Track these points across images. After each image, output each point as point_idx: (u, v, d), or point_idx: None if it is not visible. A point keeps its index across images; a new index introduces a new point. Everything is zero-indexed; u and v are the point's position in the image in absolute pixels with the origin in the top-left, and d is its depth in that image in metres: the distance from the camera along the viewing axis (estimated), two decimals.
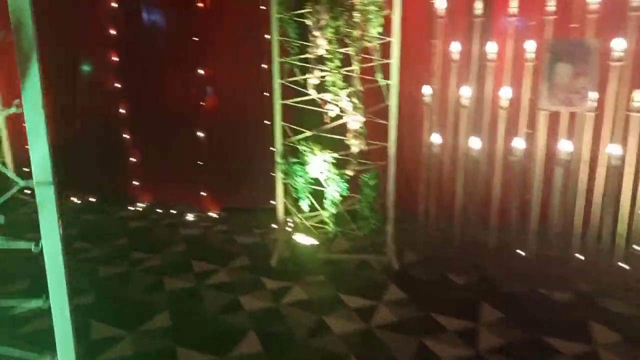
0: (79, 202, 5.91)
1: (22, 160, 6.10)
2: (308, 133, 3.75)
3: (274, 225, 4.67)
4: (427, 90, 3.97)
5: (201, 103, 5.20)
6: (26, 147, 1.73)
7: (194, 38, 5.08)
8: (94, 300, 3.40)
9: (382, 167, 3.71)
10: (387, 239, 3.85)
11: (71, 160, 5.96)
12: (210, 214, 5.30)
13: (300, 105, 3.74)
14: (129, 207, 5.58)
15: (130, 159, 5.61)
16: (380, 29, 3.48)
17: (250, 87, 4.91)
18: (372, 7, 3.42)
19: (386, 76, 3.59)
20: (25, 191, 4.03)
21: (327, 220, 3.82)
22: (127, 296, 3.45)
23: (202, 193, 5.36)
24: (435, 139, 3.99)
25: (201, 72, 5.10)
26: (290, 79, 3.74)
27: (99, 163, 5.79)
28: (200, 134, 5.20)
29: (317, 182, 3.79)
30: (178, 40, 5.21)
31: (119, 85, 5.51)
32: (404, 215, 4.15)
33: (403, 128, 3.94)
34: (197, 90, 5.20)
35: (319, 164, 3.69)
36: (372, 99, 3.69)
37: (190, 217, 5.22)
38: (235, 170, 5.18)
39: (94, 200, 5.89)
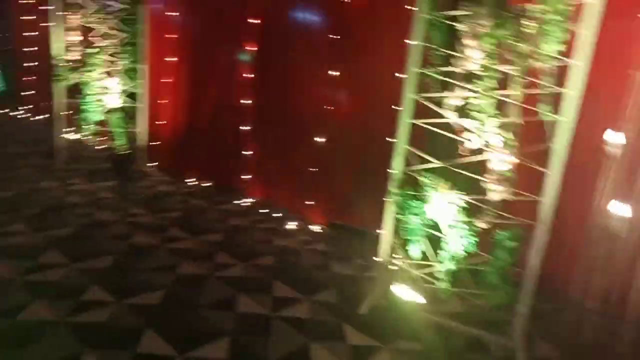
0: (194, 184, 5.90)
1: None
2: (435, 164, 3.01)
3: (377, 259, 4.00)
4: (612, 136, 2.94)
5: (327, 106, 4.72)
6: None
7: (331, 35, 4.62)
8: (157, 301, 3.09)
9: (526, 227, 2.81)
10: (516, 318, 2.93)
11: (194, 144, 6.00)
12: (314, 227, 4.82)
13: (432, 128, 3.01)
14: (235, 201, 5.36)
15: (246, 152, 5.39)
16: (560, 47, 2.58)
17: (381, 97, 4.28)
18: (554, 16, 2.54)
19: (555, 109, 2.67)
20: None
21: (441, 276, 3.04)
22: (191, 308, 3.09)
23: (309, 202, 4.91)
24: (613, 205, 2.93)
25: (333, 73, 4.61)
26: (426, 95, 3.02)
27: (218, 151, 5.70)
28: (319, 139, 4.73)
29: (435, 226, 3.03)
30: (315, 35, 4.79)
31: (250, 76, 5.31)
32: (545, 294, 3.17)
33: (568, 182, 2.95)
34: (325, 91, 4.73)
35: (441, 204, 2.93)
36: (530, 137, 2.80)
37: (291, 225, 4.80)
38: (350, 184, 4.61)
39: (207, 185, 5.83)
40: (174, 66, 6.13)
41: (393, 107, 3.33)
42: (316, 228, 4.80)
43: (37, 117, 8.81)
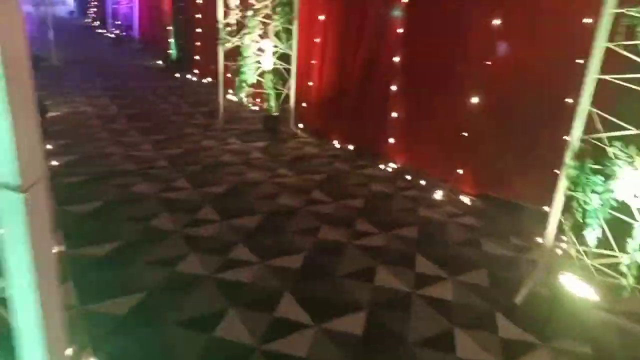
0: (338, 147, 5.85)
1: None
2: (632, 131, 2.38)
3: (539, 240, 3.48)
4: None
5: (486, 62, 4.16)
6: None
7: None
8: (297, 265, 3.08)
9: None
10: None
11: (340, 106, 5.90)
12: (463, 197, 4.40)
13: (631, 86, 2.37)
14: (380, 166, 5.17)
15: (392, 114, 5.11)
16: None
17: (558, 48, 3.59)
18: None
19: None
20: None
21: (625, 269, 2.47)
22: (330, 276, 3.01)
23: (458, 170, 4.48)
24: None
25: (493, 21, 4.01)
26: (626, 43, 2.37)
27: (363, 113, 5.51)
28: (474, 100, 4.21)
29: (623, 208, 2.44)
30: None
31: (400, 32, 4.94)
32: None
33: None
34: (484, 44, 4.16)
35: (636, 182, 2.33)
36: None
37: (438, 195, 4.45)
38: (508, 151, 4.06)
39: (351, 148, 5.74)
40: (324, 25, 6.04)
41: (577, 61, 2.72)
42: (465, 199, 4.38)
43: (204, 80, 9.66)
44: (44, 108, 5.90)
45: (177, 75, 10.19)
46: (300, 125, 6.47)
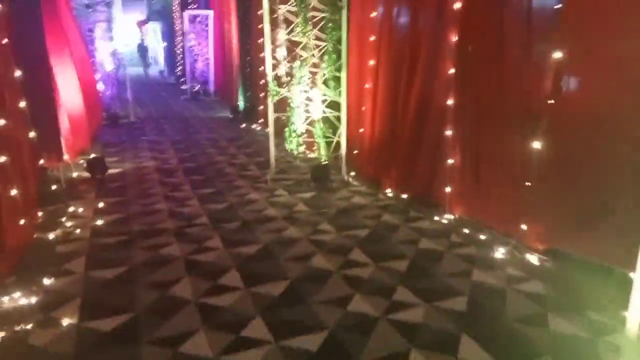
0: (390, 196, 5.42)
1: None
2: None
3: (626, 316, 2.77)
4: None
5: (549, 100, 3.59)
6: None
7: (554, 6, 3.48)
8: (314, 348, 2.67)
9: None
10: None
11: (393, 152, 5.50)
12: (529, 255, 3.75)
13: None
14: (434, 217, 4.65)
15: (449, 160, 4.61)
16: None
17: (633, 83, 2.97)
18: None
19: None
20: None
21: None
22: (348, 358, 2.56)
23: (524, 223, 3.85)
24: None
25: (557, 54, 3.46)
26: None
27: (416, 159, 5.06)
28: (538, 144, 3.63)
29: None
30: (529, 11, 3.71)
31: (452, 72, 4.50)
32: None
33: None
34: (546, 81, 3.60)
35: None
36: None
37: (498, 253, 3.84)
38: (585, 201, 3.39)
39: (404, 197, 5.27)
40: (373, 70, 5.77)
41: None
42: (532, 258, 3.72)
43: (267, 129, 9.76)
44: (104, 166, 6.14)
45: (243, 125, 10.42)
46: (352, 173, 6.14)
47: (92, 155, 6.40)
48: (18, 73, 4.41)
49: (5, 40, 4.22)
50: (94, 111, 8.27)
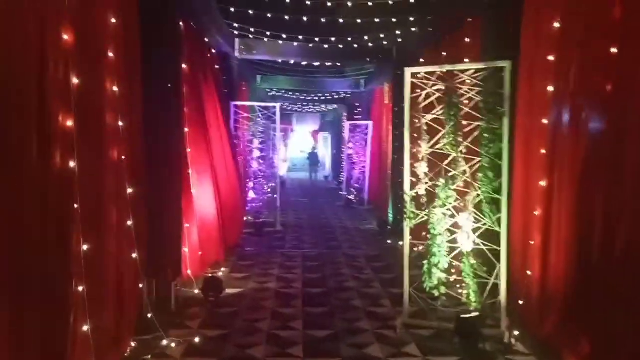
0: None
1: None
2: None
3: None
4: None
5: None
6: None
7: None
8: None
9: None
10: None
11: (582, 306, 3.75)
12: None
13: None
14: None
15: None
16: None
17: None
18: None
19: None
20: None
21: None
22: None
23: None
24: None
25: None
26: None
27: (624, 324, 3.25)
28: None
29: None
30: None
31: None
32: None
33: None
34: None
35: None
36: None
37: None
38: None
39: None
40: (545, 193, 4.27)
41: None
42: None
43: (415, 249, 8.48)
44: (219, 287, 5.58)
45: (389, 241, 9.32)
46: (516, 332, 4.42)
47: (213, 273, 5.97)
48: (129, 190, 4.16)
49: (122, 157, 4.05)
50: (234, 220, 8.15)
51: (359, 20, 8.07)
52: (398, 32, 8.81)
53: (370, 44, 9.81)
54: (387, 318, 5.10)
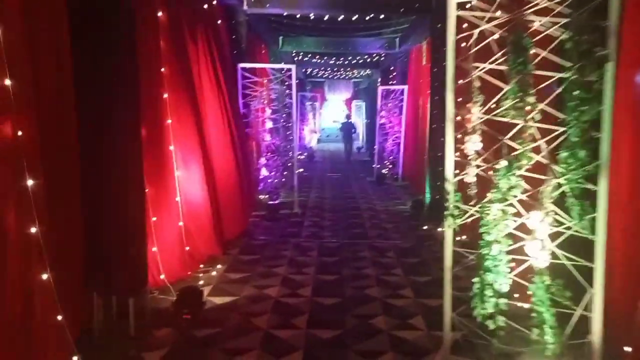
0: None
1: None
2: None
3: None
4: None
5: None
6: None
7: None
8: None
9: None
10: None
11: None
12: None
13: None
14: None
15: None
16: None
17: None
18: None
19: None
20: None
21: None
22: None
23: None
24: None
25: None
26: None
27: None
28: None
29: None
30: None
31: None
32: None
33: None
34: None
35: None
36: None
37: None
38: None
39: None
40: None
41: None
42: None
43: (458, 238, 6.95)
44: (197, 300, 4.28)
45: (425, 227, 7.80)
46: None
47: (205, 271, 4.69)
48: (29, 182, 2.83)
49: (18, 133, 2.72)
50: (237, 205, 6.83)
51: None
52: None
53: None
54: (419, 351, 3.70)
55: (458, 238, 6.71)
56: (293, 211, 8.77)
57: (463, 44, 3.41)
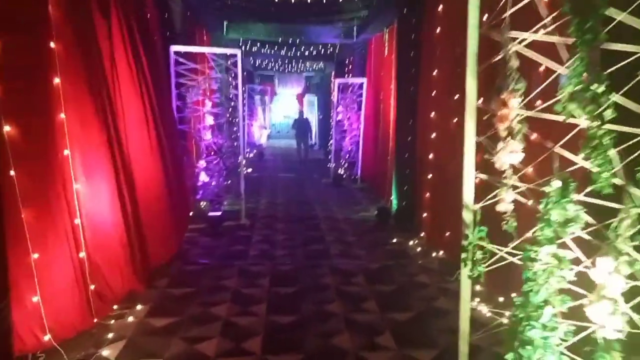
0: None
1: None
2: None
3: None
4: None
5: None
6: None
7: None
8: None
9: None
10: None
11: None
12: None
13: None
14: None
15: None
16: None
17: None
18: None
19: None
20: None
21: None
22: None
23: None
24: None
25: None
26: None
27: None
28: None
29: None
30: None
31: None
32: None
33: None
34: None
35: None
36: None
37: None
38: None
39: None
40: None
41: None
42: None
43: (434, 254, 5.94)
44: None
45: (394, 240, 6.74)
46: None
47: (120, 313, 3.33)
48: None
49: None
50: (166, 221, 5.45)
51: None
52: None
53: None
54: None
55: (434, 254, 5.65)
56: (240, 223, 7.44)
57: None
